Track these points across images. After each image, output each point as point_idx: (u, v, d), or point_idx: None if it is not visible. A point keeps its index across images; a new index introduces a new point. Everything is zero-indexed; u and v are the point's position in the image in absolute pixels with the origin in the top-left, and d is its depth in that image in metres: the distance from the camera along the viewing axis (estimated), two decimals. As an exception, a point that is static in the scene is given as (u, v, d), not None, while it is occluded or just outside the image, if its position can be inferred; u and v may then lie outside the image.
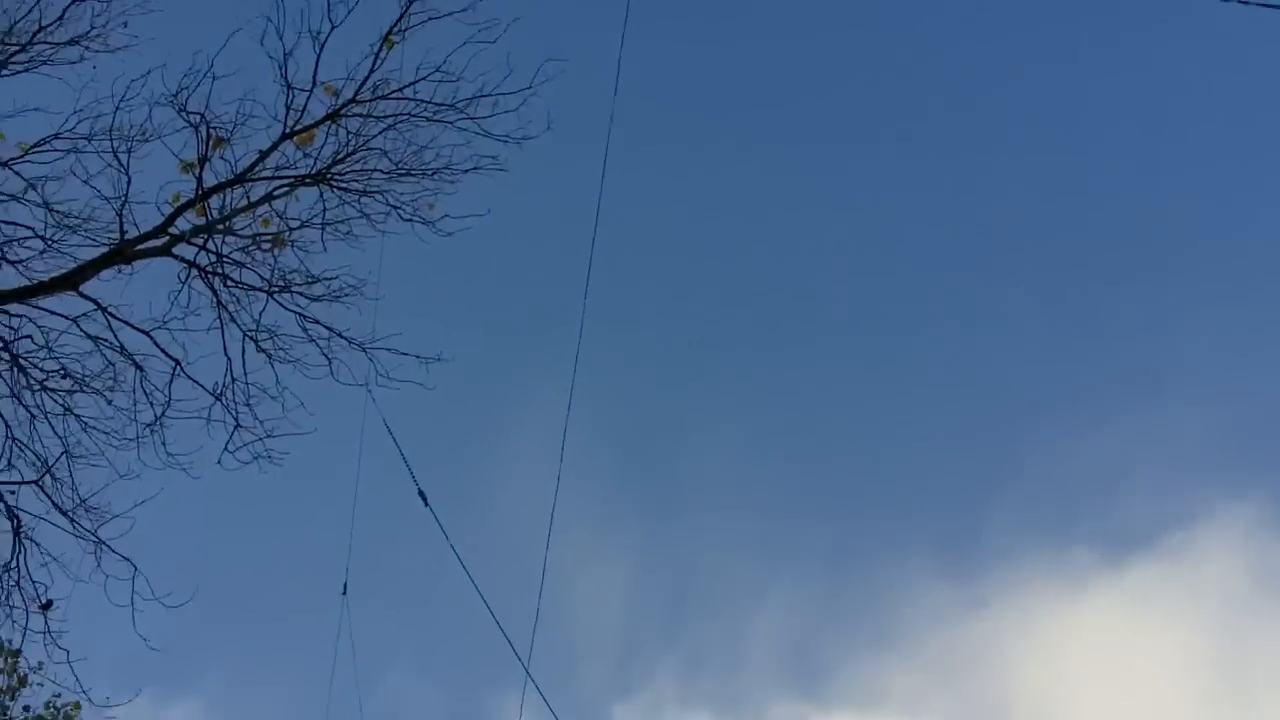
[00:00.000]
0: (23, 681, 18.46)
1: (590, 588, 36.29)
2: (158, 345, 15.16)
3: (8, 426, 15.00)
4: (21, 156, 15.62)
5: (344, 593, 18.40)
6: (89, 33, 15.62)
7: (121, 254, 14.59)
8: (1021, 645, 34.81)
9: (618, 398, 36.61)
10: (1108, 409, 35.76)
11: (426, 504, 15.76)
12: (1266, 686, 30.84)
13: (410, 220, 15.88)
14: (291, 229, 15.89)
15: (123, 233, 14.66)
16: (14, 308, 14.60)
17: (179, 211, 14.83)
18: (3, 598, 14.53)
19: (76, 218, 15.23)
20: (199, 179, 14.73)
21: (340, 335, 15.81)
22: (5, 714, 18.66)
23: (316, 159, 15.60)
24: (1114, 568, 35.49)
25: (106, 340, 15.13)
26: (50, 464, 14.75)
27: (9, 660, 18.28)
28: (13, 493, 14.70)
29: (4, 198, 15.72)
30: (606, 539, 37.13)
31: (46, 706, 18.75)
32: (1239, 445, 35.06)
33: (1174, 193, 35.36)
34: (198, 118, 14.55)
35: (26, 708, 18.76)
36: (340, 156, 15.65)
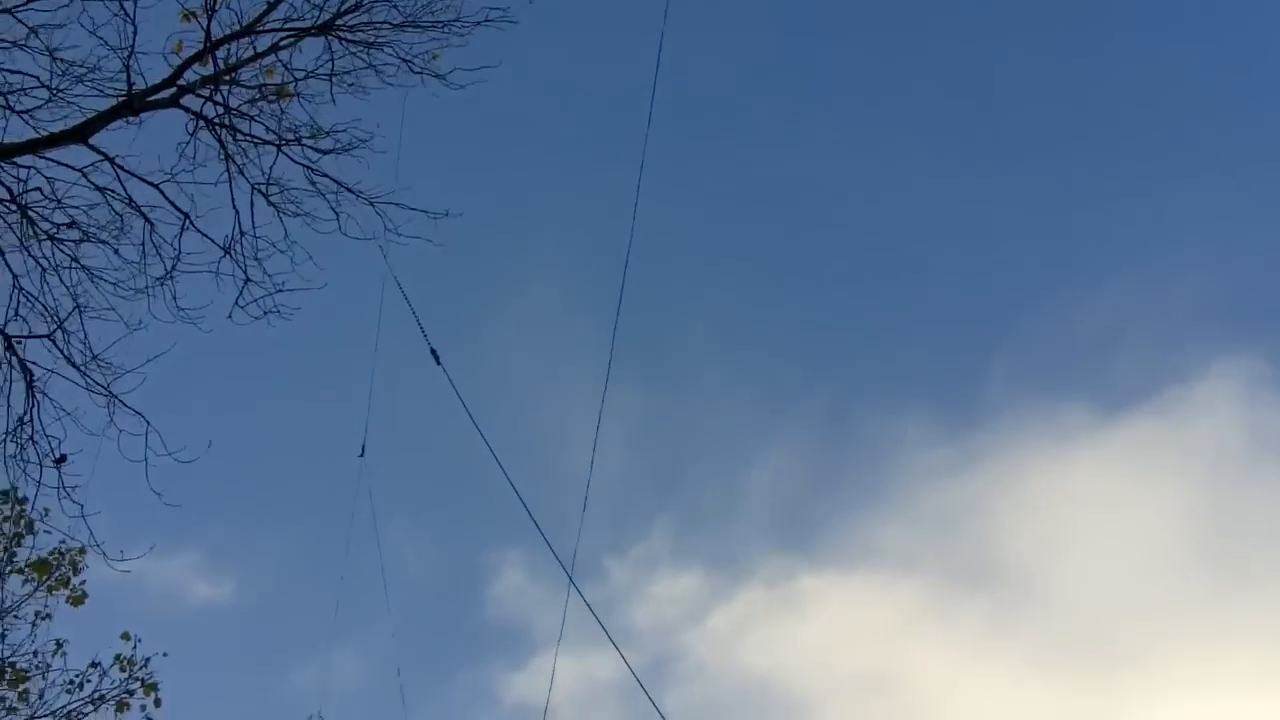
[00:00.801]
0: (29, 527, 18.92)
1: (589, 444, 36.58)
2: (166, 198, 15.30)
3: (15, 277, 15.18)
4: (25, 3, 15.80)
5: (361, 454, 18.60)
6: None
7: (129, 106, 14.69)
8: (1014, 502, 35.39)
9: (621, 257, 36.76)
10: (1106, 266, 36.16)
11: (439, 362, 15.93)
12: (1258, 543, 31.25)
13: (420, 73, 16.02)
14: (297, 79, 15.98)
15: (130, 85, 14.74)
16: (22, 159, 14.78)
17: (187, 64, 14.95)
18: (18, 452, 14.81)
19: (82, 66, 15.36)
20: (207, 31, 14.82)
21: (348, 189, 15.96)
22: (11, 559, 19.12)
23: (322, 9, 15.68)
24: (1108, 424, 35.92)
25: (114, 192, 15.26)
26: (63, 319, 14.96)
27: (15, 507, 18.72)
28: (19, 343, 15.00)
29: (7, 44, 15.96)
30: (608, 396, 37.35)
31: (52, 553, 19.21)
32: (1236, 303, 35.61)
33: (1171, 49, 35.19)
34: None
35: (32, 550, 19.25)
36: (347, 8, 15.73)
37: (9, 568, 19.29)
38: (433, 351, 15.96)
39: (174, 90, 15.09)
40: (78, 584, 19.85)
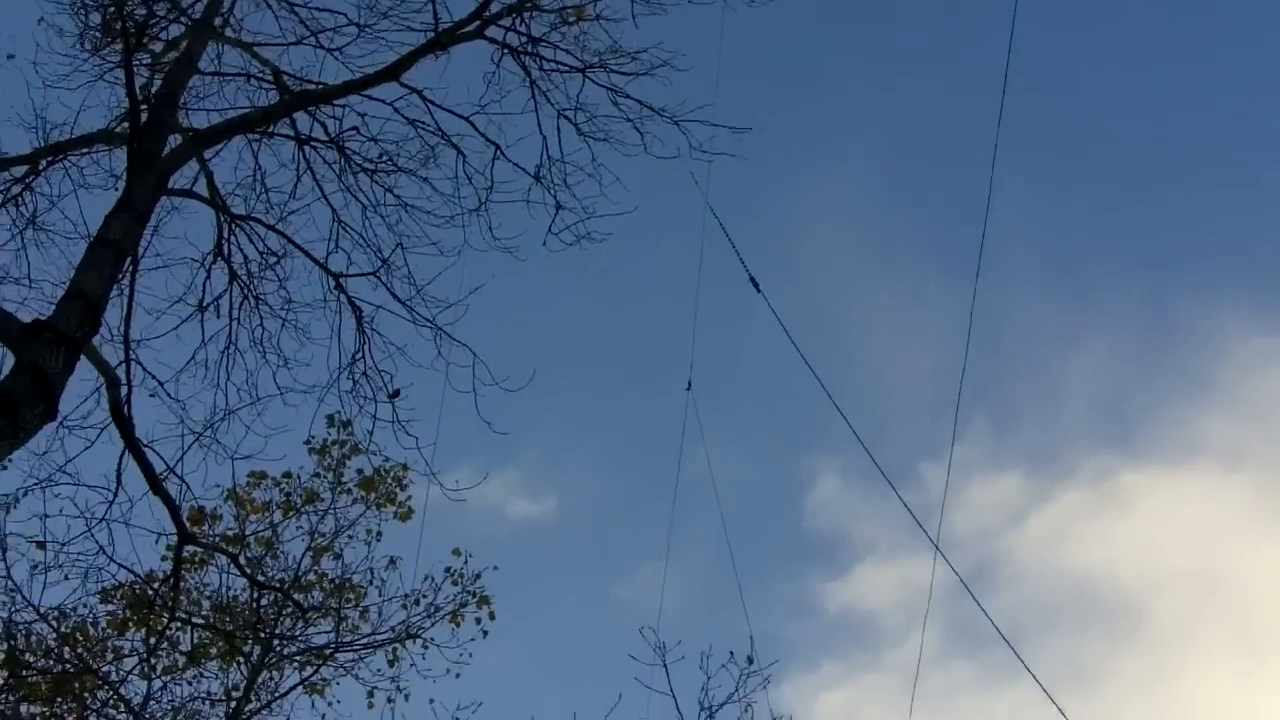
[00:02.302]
0: (355, 450, 20.09)
1: (901, 348, 36.79)
2: (476, 129, 16.03)
3: (334, 211, 16.24)
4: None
5: (689, 388, 18.99)
6: None
7: (438, 42, 15.39)
8: None
9: (921, 154, 36.63)
10: None
11: (759, 290, 16.28)
12: None
13: (719, -11, 16.14)
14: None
15: (437, 19, 15.51)
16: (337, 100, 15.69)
17: (492, -4, 15.52)
18: (353, 388, 15.84)
19: (387, 1, 16.20)
20: (511, -40, 15.41)
21: (653, 109, 16.34)
22: (340, 480, 20.35)
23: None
24: None
25: (425, 124, 16.07)
26: (386, 255, 15.87)
27: (341, 429, 19.90)
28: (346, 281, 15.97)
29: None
30: (916, 295, 37.42)
31: (377, 470, 20.35)
32: None
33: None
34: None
35: (359, 471, 20.42)
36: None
37: (339, 488, 20.50)
38: (752, 280, 16.30)
39: (479, 22, 15.70)
40: (404, 499, 20.96)
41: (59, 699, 17.31)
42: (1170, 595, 35.29)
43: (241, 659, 18.68)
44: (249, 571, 17.61)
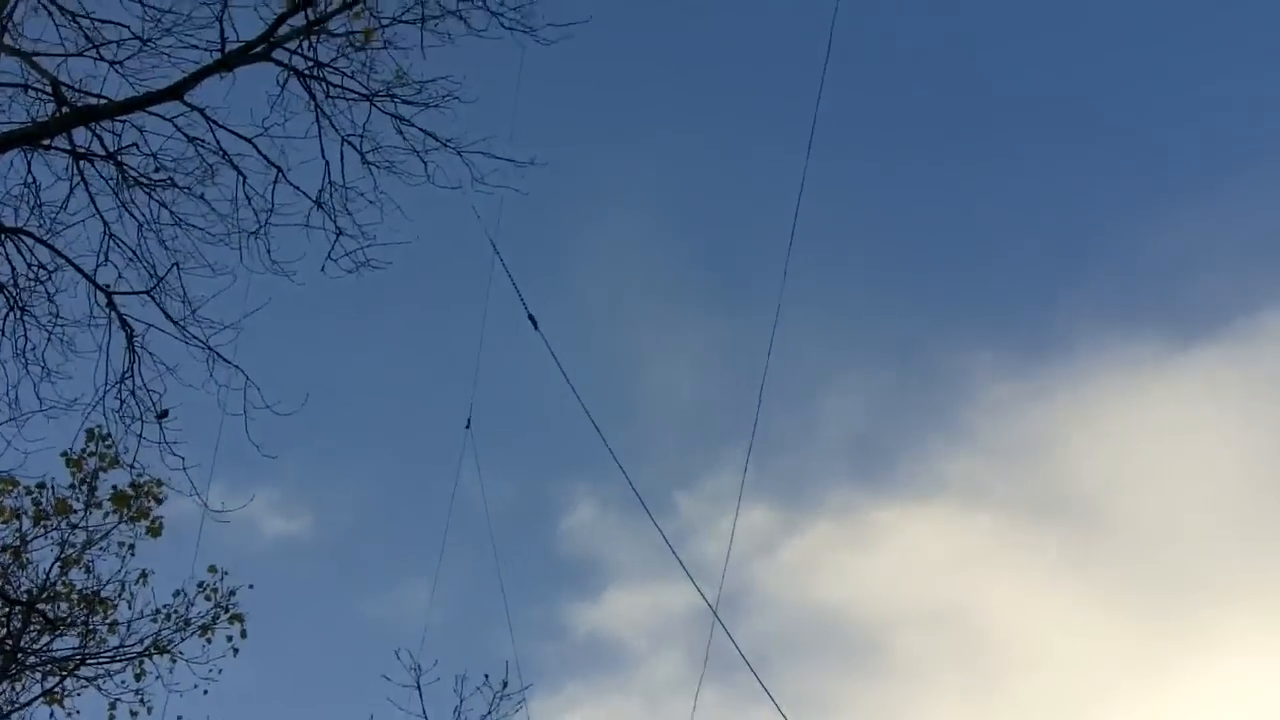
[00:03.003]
0: (113, 462, 19.98)
1: (665, 371, 37.64)
2: (259, 151, 16.12)
3: (105, 224, 16.07)
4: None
5: (468, 427, 19.10)
6: None
7: (224, 63, 15.44)
8: (1085, 434, 35.91)
9: (696, 187, 37.59)
10: (1178, 194, 36.33)
11: (536, 327, 16.61)
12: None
13: (511, 29, 16.55)
14: (384, 25, 16.58)
15: (223, 40, 15.45)
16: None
17: (281, 19, 15.57)
18: (119, 407, 15.77)
19: (173, 15, 16.07)
20: (302, -12, 15.54)
21: (437, 139, 16.60)
22: (93, 492, 20.21)
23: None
24: (1179, 355, 36.35)
25: (205, 143, 16.08)
26: (162, 275, 15.81)
27: (99, 443, 19.76)
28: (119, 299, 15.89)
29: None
30: (683, 323, 38.35)
31: (131, 484, 20.26)
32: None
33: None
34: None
35: (114, 487, 20.31)
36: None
37: (92, 500, 20.35)
38: (530, 317, 16.60)
39: (266, 45, 15.75)
40: (156, 514, 20.89)
41: None
42: (910, 628, 36.64)
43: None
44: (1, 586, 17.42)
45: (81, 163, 15.78)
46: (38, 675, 19.74)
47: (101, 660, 20.09)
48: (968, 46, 38.22)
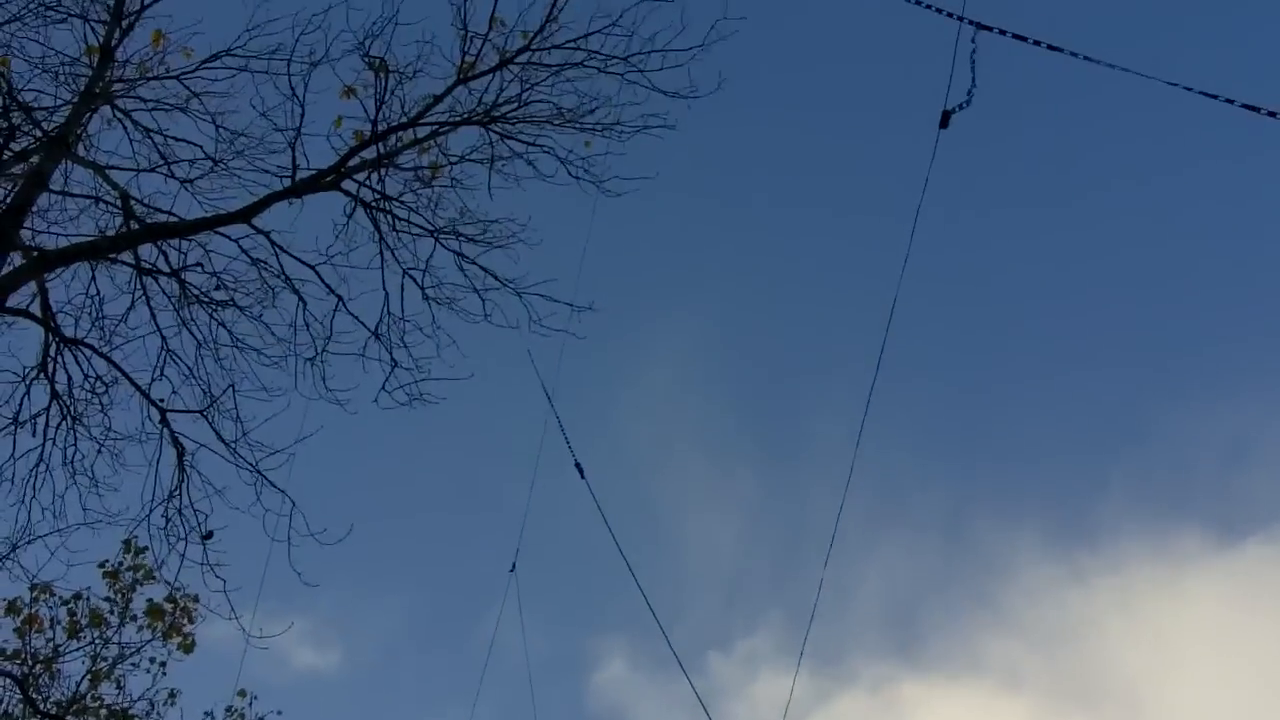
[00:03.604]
0: (149, 576, 19.94)
1: (706, 526, 37.55)
2: (322, 279, 16.31)
3: (164, 340, 16.30)
4: (194, 69, 16.95)
5: (512, 570, 18.99)
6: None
7: (294, 190, 15.73)
8: (1124, 624, 35.42)
9: (747, 342, 37.84)
10: (1235, 383, 36.08)
11: (582, 476, 16.60)
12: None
13: (578, 178, 16.80)
14: (452, 162, 16.93)
15: (294, 167, 15.79)
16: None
17: (353, 152, 15.91)
18: (165, 525, 15.86)
19: (245, 137, 16.62)
20: (374, 122, 15.85)
21: (495, 276, 16.81)
22: (128, 606, 20.14)
23: (481, 99, 16.61)
24: (1226, 548, 35.90)
25: (269, 265, 16.33)
26: (217, 396, 15.98)
27: (135, 555, 19.74)
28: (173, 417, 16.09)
29: (168, 107, 17.10)
30: (726, 477, 38.35)
31: (166, 598, 20.19)
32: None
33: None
34: (379, 61, 15.70)
35: (149, 600, 20.23)
36: (506, 99, 16.61)
37: (126, 614, 20.31)
38: (577, 465, 16.59)
39: (335, 175, 16.03)
40: (189, 631, 20.81)
41: None
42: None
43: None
44: (33, 698, 17.38)
45: (145, 278, 16.06)
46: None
47: (128, 777, 19.89)
48: (1030, 232, 38.37)
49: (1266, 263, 35.62)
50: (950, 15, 12.52)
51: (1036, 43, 11.76)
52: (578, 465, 16.60)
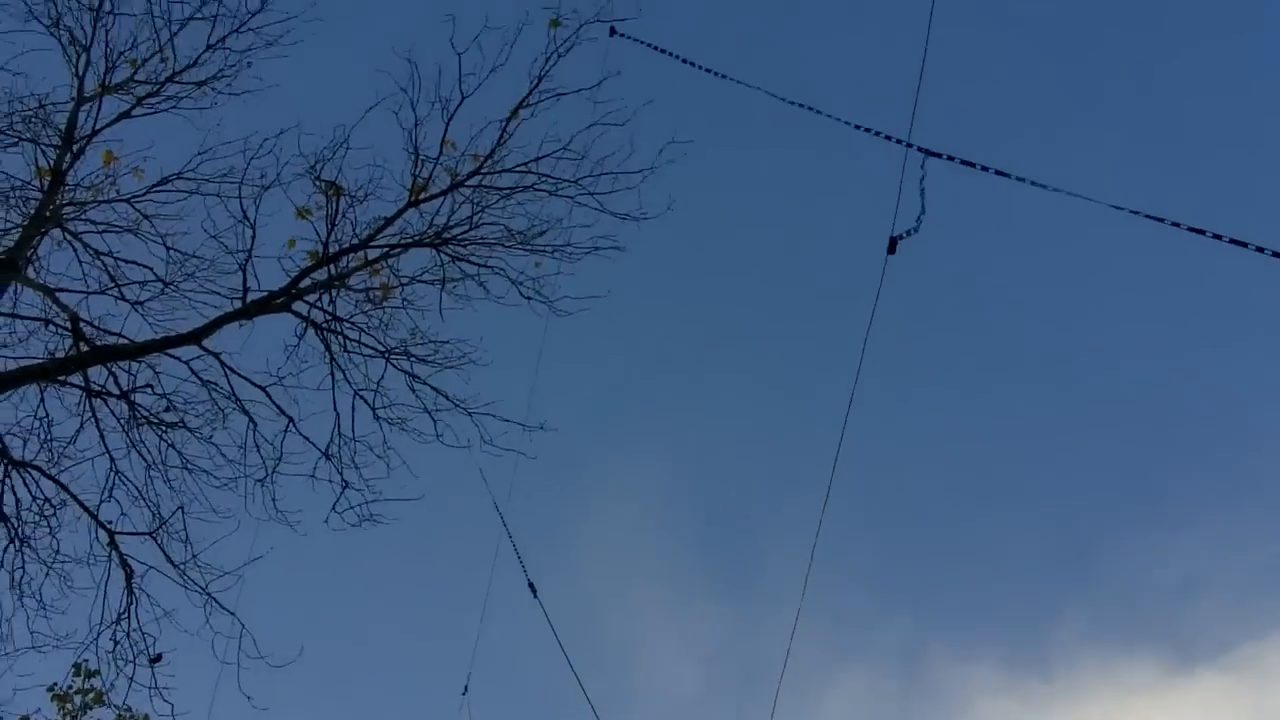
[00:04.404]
0: (99, 698, 19.69)
1: (664, 660, 37.39)
2: (273, 401, 16.31)
3: (113, 461, 16.23)
4: (144, 193, 17.02)
5: (464, 692, 18.81)
6: (218, 75, 17.15)
7: (245, 312, 15.76)
8: None
9: (709, 471, 37.92)
10: (1186, 517, 36.28)
11: (535, 596, 16.54)
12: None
13: (529, 298, 16.96)
14: (404, 283, 17.05)
15: (245, 289, 15.86)
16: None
17: (304, 274, 16.02)
18: (113, 648, 15.70)
19: (197, 259, 16.75)
20: (325, 244, 15.96)
21: (447, 397, 16.85)
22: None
23: (433, 221, 16.80)
24: (1181, 678, 35.95)
25: (220, 387, 16.34)
26: (166, 517, 15.89)
27: (85, 679, 19.49)
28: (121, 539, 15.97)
29: (120, 229, 17.15)
30: (685, 612, 38.26)
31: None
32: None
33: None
34: (330, 185, 15.80)
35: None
36: (457, 221, 16.79)
37: (74, 738, 20.03)
38: (530, 586, 16.52)
39: (286, 296, 16.07)
40: (140, 757, 20.54)
41: None
42: None
43: None
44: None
45: (94, 400, 16.04)
46: None
47: None
48: (983, 368, 38.76)
49: (1221, 395, 36.03)
50: (898, 141, 12.70)
51: (984, 168, 11.90)
52: (530, 585, 16.54)
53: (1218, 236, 10.11)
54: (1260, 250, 9.64)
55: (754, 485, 38.08)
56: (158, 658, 15.58)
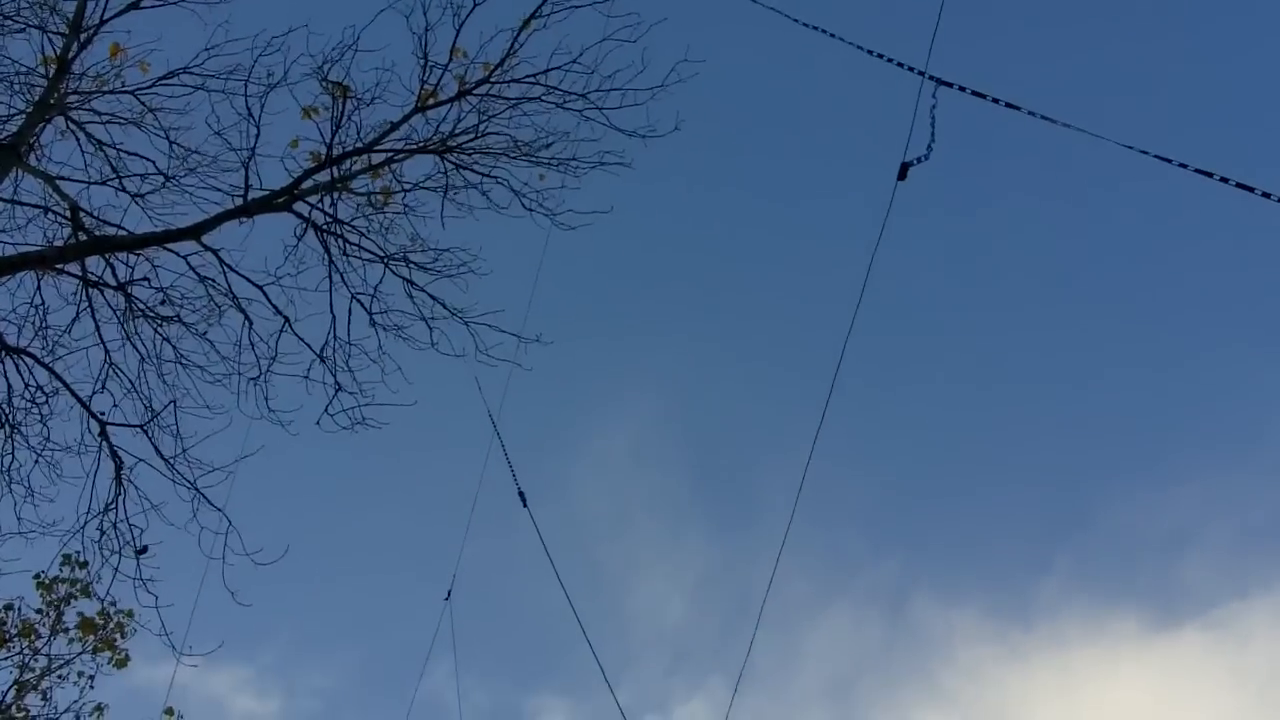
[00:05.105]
0: (85, 590, 19.77)
1: (653, 590, 37.55)
2: (269, 300, 16.29)
3: (107, 353, 16.29)
4: (149, 85, 16.91)
5: (447, 598, 18.82)
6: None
7: (246, 210, 15.68)
8: (1058, 707, 35.51)
9: (705, 396, 37.89)
10: (1179, 472, 36.29)
11: (525, 505, 16.52)
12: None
13: (531, 210, 16.85)
14: (406, 189, 16.98)
15: (247, 187, 15.71)
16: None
17: (307, 175, 15.90)
18: (99, 538, 15.72)
19: (199, 154, 16.71)
20: (329, 146, 15.81)
21: (444, 305, 16.87)
22: (60, 618, 19.96)
23: (438, 129, 16.64)
24: (1164, 634, 36.11)
25: (218, 284, 16.32)
26: (158, 411, 15.93)
27: (76, 568, 19.53)
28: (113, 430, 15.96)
29: (123, 121, 17.06)
30: (676, 543, 38.39)
31: (99, 613, 19.98)
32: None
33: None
34: (337, 86, 15.64)
35: (80, 614, 20.05)
36: (463, 130, 16.64)
37: (58, 625, 20.13)
38: (520, 494, 16.51)
39: (288, 196, 15.98)
40: (123, 647, 20.62)
41: None
42: None
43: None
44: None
45: (91, 290, 16.02)
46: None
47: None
48: (987, 310, 38.57)
49: (1220, 351, 35.94)
50: (911, 69, 12.60)
51: (995, 100, 11.81)
52: (520, 494, 16.57)
53: (1225, 180, 10.04)
54: (1266, 196, 9.58)
55: (751, 419, 38.26)
56: (144, 549, 15.62)
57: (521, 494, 16.53)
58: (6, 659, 19.54)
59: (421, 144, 16.59)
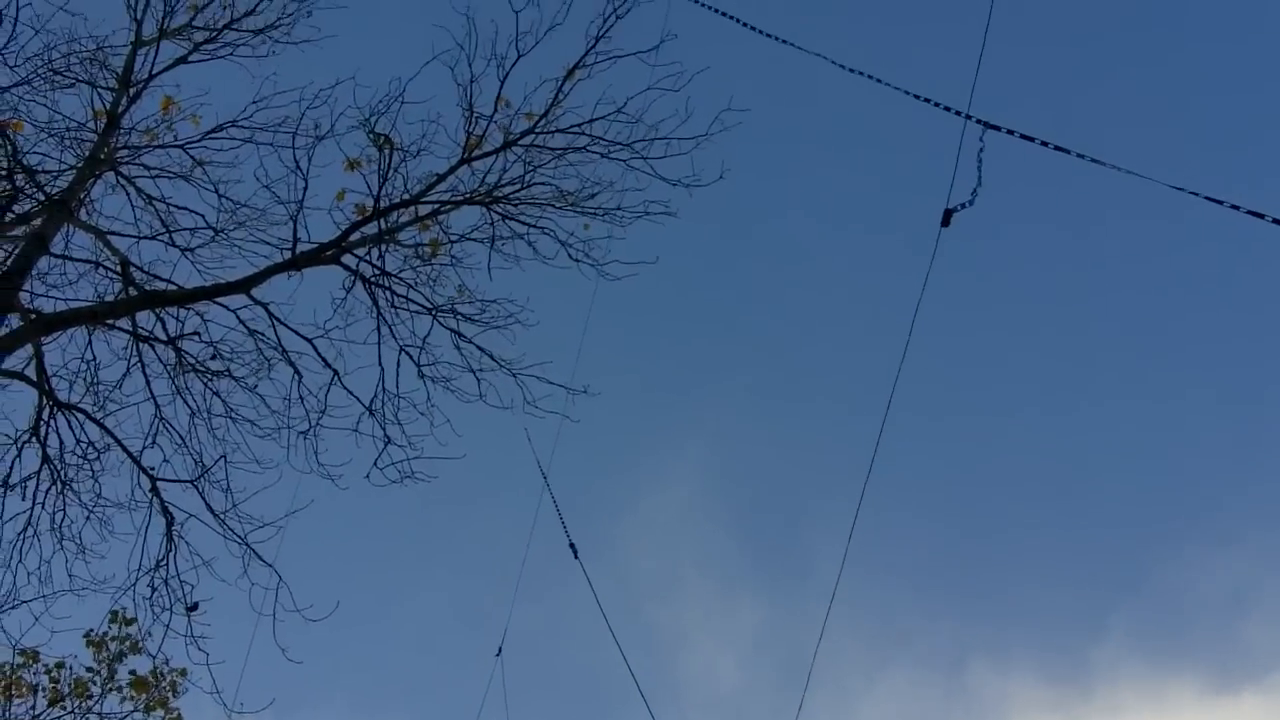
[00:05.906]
0: (135, 647, 19.74)
1: (705, 651, 37.28)
2: (318, 353, 16.31)
3: (158, 407, 16.32)
4: (199, 139, 17.09)
5: (498, 654, 18.67)
6: (275, 23, 17.22)
7: (294, 263, 15.74)
8: None
9: (754, 452, 37.71)
10: (1236, 531, 35.78)
11: (576, 556, 16.44)
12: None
13: (578, 260, 16.93)
14: (452, 240, 17.09)
15: (295, 240, 15.84)
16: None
17: (354, 227, 16.03)
18: (151, 595, 15.70)
19: (248, 208, 16.87)
20: (376, 198, 15.91)
21: (492, 356, 16.87)
22: (113, 676, 19.91)
23: (484, 179, 16.77)
24: (1223, 696, 35.55)
25: (267, 338, 16.36)
26: (208, 466, 15.91)
27: (123, 625, 19.52)
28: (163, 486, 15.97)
29: (173, 175, 17.21)
30: (728, 601, 38.13)
31: (152, 672, 19.95)
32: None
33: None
34: (383, 138, 15.72)
35: (132, 672, 20.01)
36: (509, 180, 16.78)
37: (109, 684, 20.11)
38: (571, 545, 16.45)
39: (336, 249, 16.05)
40: (174, 707, 20.59)
41: None
42: None
43: None
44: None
45: (141, 345, 16.10)
46: None
47: None
48: (1036, 360, 38.34)
49: (1273, 405, 35.54)
50: (957, 113, 12.51)
51: (1044, 143, 11.70)
52: (572, 545, 16.50)
53: (1277, 221, 9.91)
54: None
55: (800, 469, 38.00)
56: (194, 606, 15.57)
57: (573, 545, 16.45)
58: (60, 718, 19.54)
59: (468, 195, 16.72)
